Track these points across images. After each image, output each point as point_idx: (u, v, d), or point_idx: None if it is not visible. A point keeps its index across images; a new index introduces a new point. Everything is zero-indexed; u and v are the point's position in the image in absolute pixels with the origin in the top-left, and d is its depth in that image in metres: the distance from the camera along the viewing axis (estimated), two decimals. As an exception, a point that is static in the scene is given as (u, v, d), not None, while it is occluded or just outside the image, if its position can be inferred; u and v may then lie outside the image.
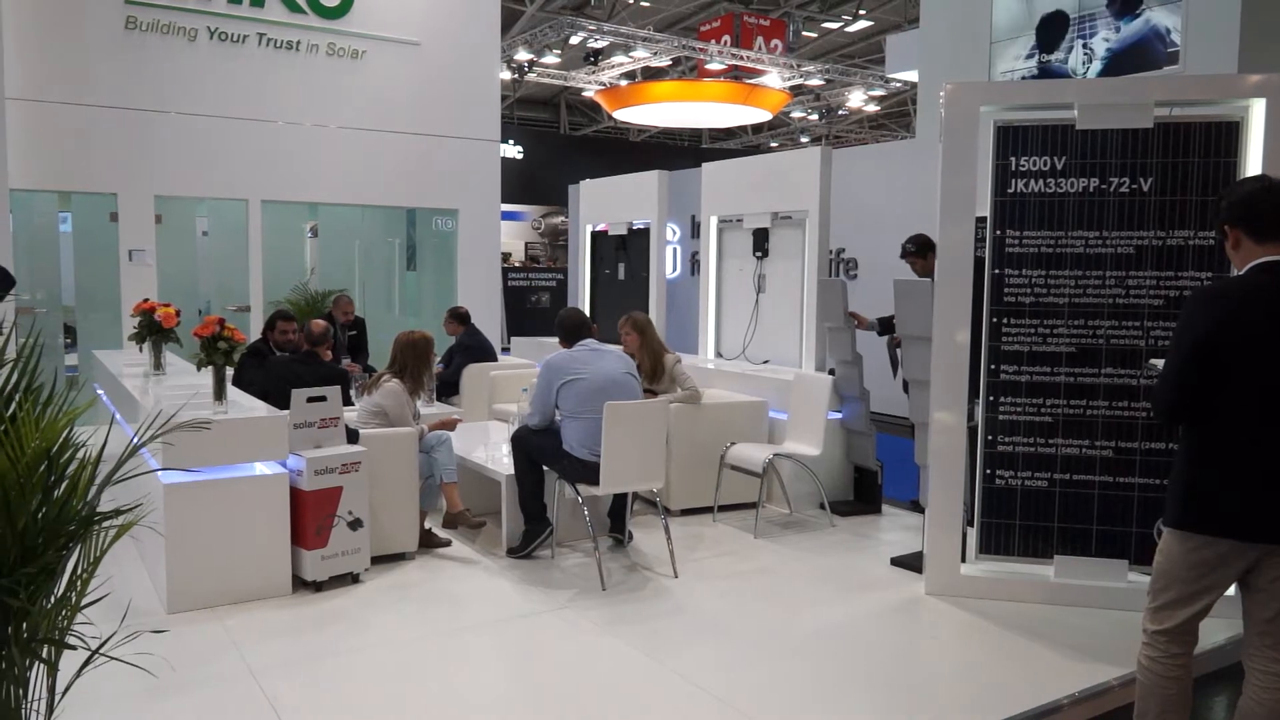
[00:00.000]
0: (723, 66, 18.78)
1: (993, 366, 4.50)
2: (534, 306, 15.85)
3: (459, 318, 8.29)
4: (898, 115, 25.95)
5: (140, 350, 6.03)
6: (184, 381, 5.49)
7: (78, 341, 9.19)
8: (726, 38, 17.87)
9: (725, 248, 7.46)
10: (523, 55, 18.40)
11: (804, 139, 27.64)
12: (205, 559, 4.24)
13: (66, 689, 2.19)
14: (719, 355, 7.46)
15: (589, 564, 4.90)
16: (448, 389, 7.68)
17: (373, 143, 10.42)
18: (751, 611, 4.38)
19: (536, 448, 4.95)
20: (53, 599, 2.13)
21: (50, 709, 2.18)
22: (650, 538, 5.32)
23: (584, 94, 22.72)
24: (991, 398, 4.51)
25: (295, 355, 5.98)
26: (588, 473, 4.73)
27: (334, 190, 10.36)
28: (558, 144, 25.23)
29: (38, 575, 2.06)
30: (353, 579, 4.59)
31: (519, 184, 20.80)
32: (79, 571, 2.18)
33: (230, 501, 4.30)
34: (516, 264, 21.54)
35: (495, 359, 8.31)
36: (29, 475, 2.05)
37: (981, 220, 4.53)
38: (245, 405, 4.77)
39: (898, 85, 19.99)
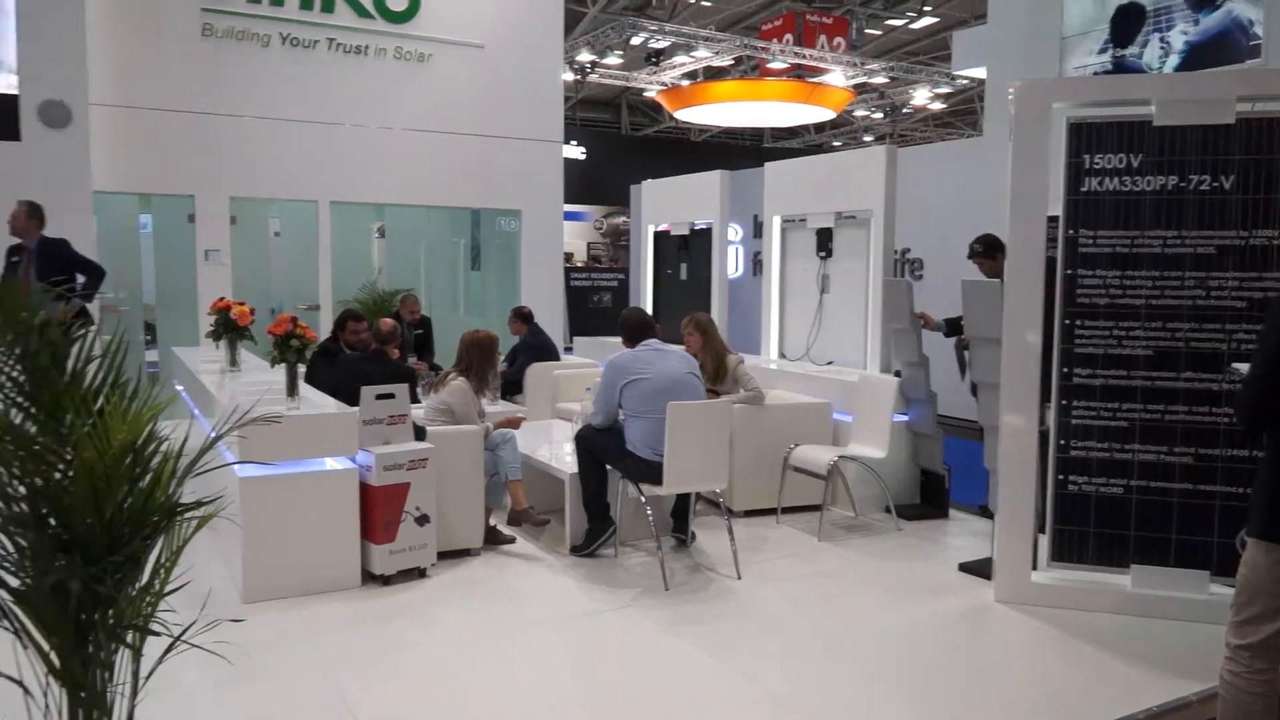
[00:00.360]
0: (785, 65, 18.65)
1: (1065, 369, 4.40)
2: (596, 306, 15.91)
3: (523, 317, 8.37)
4: (964, 113, 25.50)
5: (216, 347, 6.20)
6: (258, 378, 5.62)
7: (157, 338, 9.49)
8: (789, 36, 17.74)
9: (788, 247, 7.41)
10: (585, 56, 18.50)
11: (867, 138, 27.32)
12: (279, 551, 4.34)
13: (150, 674, 2.26)
14: (782, 356, 7.42)
15: (652, 563, 4.90)
16: (511, 388, 7.76)
17: (438, 144, 10.57)
18: (815, 615, 4.34)
19: (600, 447, 4.97)
20: (137, 587, 2.20)
21: (134, 693, 2.25)
22: (713, 538, 5.31)
23: (645, 94, 22.75)
24: (1064, 401, 4.40)
25: (364, 354, 6.10)
26: (651, 472, 4.73)
27: (400, 191, 10.54)
28: (619, 144, 25.33)
29: (124, 564, 2.13)
30: (419, 574, 4.66)
31: (581, 184, 20.92)
32: (162, 561, 2.25)
33: (302, 495, 4.40)
34: (579, 264, 21.66)
35: (558, 358, 8.37)
36: (116, 467, 2.12)
37: (1053, 220, 4.43)
38: (316, 402, 4.88)
39: (964, 82, 19.65)
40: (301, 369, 5.00)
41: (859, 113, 24.65)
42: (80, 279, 6.68)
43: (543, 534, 5.42)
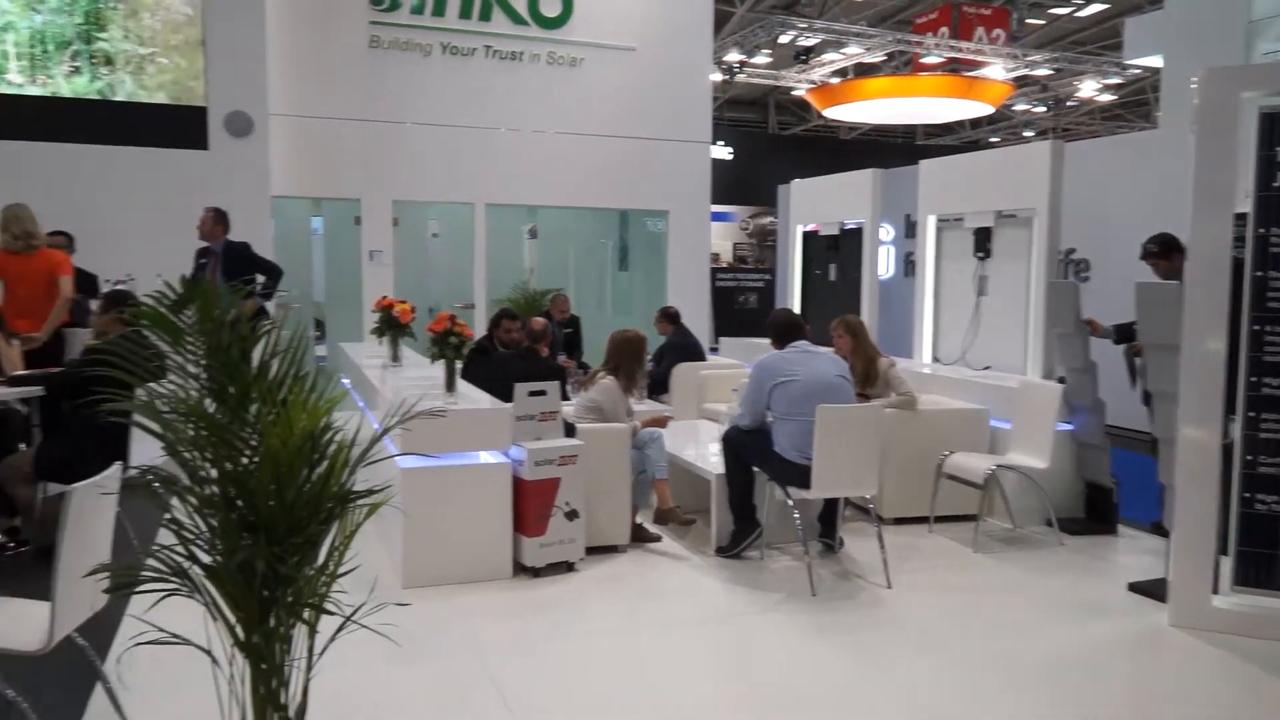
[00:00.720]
0: (940, 59, 18.06)
1: (1253, 379, 4.07)
2: (741, 307, 15.84)
3: (669, 317, 8.42)
4: (1134, 105, 24.02)
5: (380, 343, 6.51)
6: (417, 373, 5.87)
7: (326, 334, 10.07)
8: (944, 29, 17.16)
9: (944, 248, 7.16)
10: (733, 56, 18.44)
11: (1028, 133, 26.13)
12: (437, 540, 4.51)
13: (323, 650, 2.38)
14: (936, 360, 7.18)
15: (798, 568, 4.84)
16: (657, 387, 7.82)
17: (588, 147, 10.77)
18: (970, 630, 4.17)
19: (747, 448, 4.94)
20: (313, 568, 2.33)
21: (309, 666, 2.38)
22: (862, 546, 5.19)
23: (794, 93, 22.47)
24: (1251, 414, 4.07)
25: (516, 351, 6.27)
26: (798, 476, 4.67)
27: (551, 193, 10.79)
28: (766, 144, 25.12)
29: (302, 545, 2.26)
30: (568, 568, 4.75)
31: (728, 184, 20.87)
32: (335, 544, 2.37)
33: (459, 487, 4.56)
34: (724, 264, 21.62)
35: (704, 358, 8.38)
36: (297, 455, 2.25)
37: (1239, 218, 4.11)
38: (472, 397, 5.05)
39: (1136, 72, 18.52)
40: (458, 365, 5.18)
41: (1019, 107, 23.61)
42: (260, 279, 7.15)
43: (688, 534, 5.43)
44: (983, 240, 6.69)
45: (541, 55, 10.55)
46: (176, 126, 8.86)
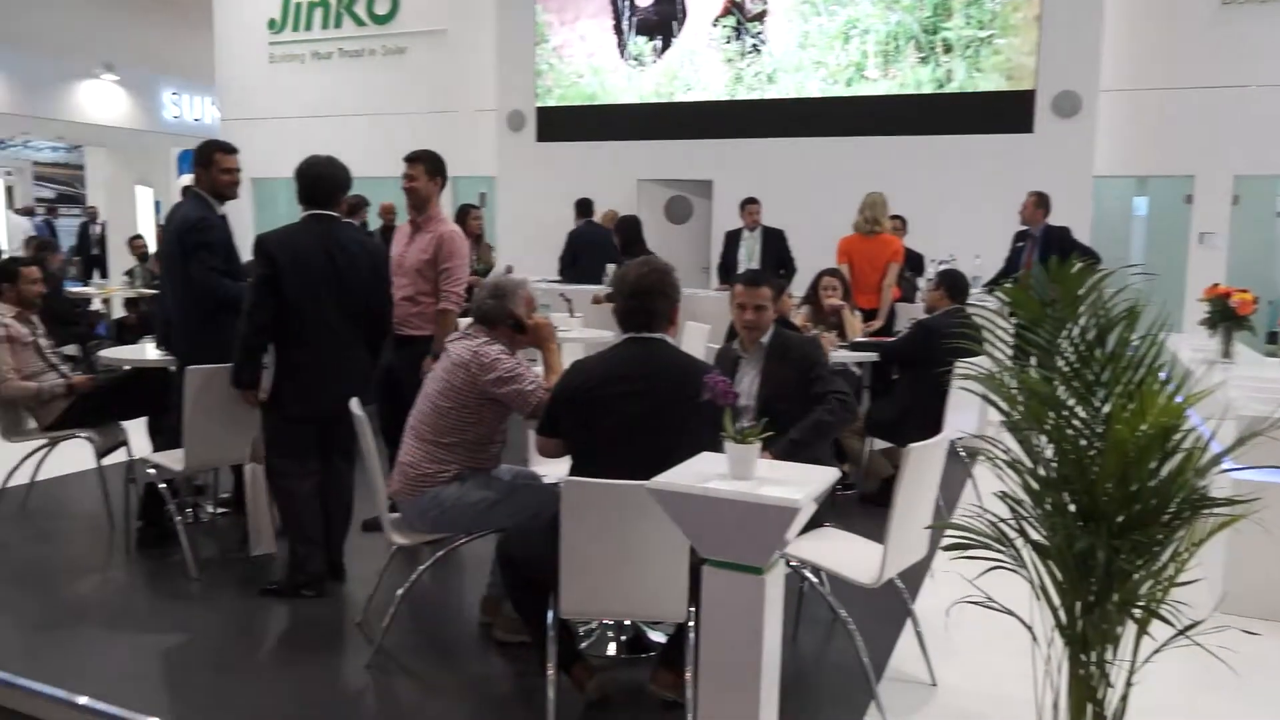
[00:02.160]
0: None
1: None
2: None
3: None
4: None
5: (1208, 335, 5.89)
6: (1252, 373, 5.20)
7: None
8: None
9: None
10: None
11: None
12: (1269, 565, 3.90)
13: (1148, 659, 2.24)
14: None
15: None
16: None
17: None
18: None
19: None
20: (1153, 569, 2.19)
21: (1131, 670, 2.26)
22: None
23: None
24: None
25: (1398, 358, 5.06)
26: None
27: None
28: None
29: (1145, 544, 2.14)
30: None
31: None
32: (1180, 550, 2.19)
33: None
34: None
35: None
36: (1147, 448, 2.12)
37: None
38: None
39: None
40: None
41: None
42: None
43: None
44: None
45: None
46: (1003, 112, 9.12)
